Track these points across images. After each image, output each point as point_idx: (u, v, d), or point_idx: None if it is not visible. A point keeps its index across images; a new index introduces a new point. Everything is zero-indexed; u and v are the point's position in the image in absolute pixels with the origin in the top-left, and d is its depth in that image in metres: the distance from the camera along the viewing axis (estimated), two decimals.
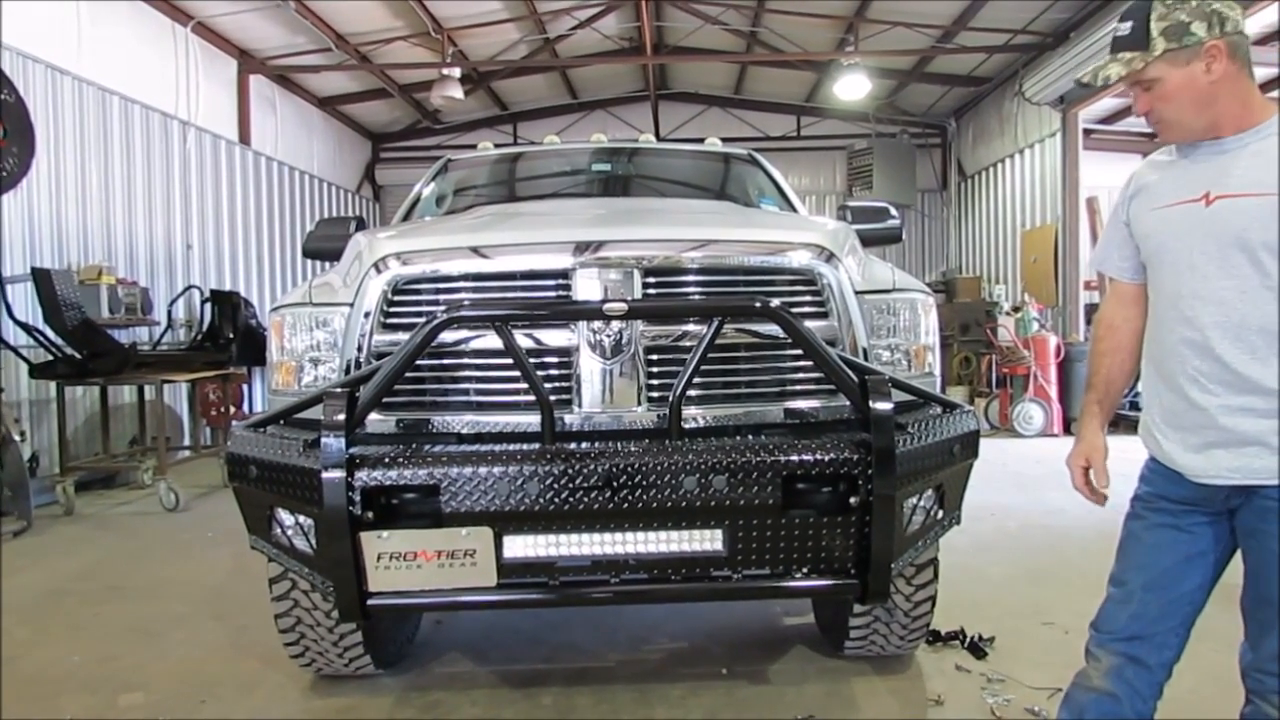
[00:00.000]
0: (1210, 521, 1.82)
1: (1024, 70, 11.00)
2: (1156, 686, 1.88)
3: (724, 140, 5.03)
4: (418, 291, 2.42)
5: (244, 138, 10.42)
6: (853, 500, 2.16)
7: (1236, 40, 1.71)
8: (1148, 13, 1.74)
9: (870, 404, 2.12)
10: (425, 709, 2.94)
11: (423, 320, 2.19)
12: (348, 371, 2.40)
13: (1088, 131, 10.88)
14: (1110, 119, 11.71)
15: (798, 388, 2.43)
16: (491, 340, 2.29)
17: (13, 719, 2.92)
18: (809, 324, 2.27)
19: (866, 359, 2.44)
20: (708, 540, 2.20)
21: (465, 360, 2.40)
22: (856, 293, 2.48)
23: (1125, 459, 2.02)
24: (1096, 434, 2.02)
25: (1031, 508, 5.87)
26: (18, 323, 6.10)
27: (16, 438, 5.61)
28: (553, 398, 2.26)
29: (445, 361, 2.40)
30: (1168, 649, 1.87)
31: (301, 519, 2.28)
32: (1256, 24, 8.19)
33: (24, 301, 6.32)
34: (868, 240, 3.19)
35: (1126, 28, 1.77)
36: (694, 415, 2.37)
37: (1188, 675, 3.03)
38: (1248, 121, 1.74)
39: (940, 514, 2.45)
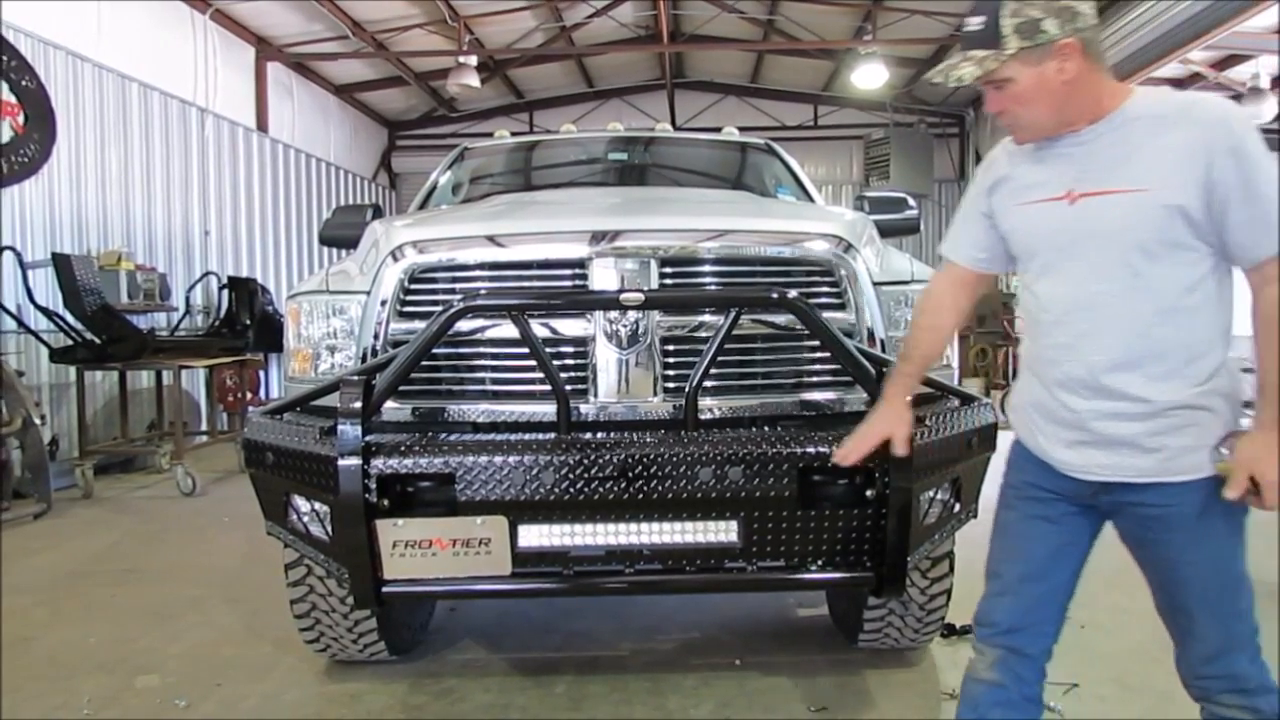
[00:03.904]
0: (1078, 512, 1.81)
1: None
2: (1039, 670, 1.89)
3: (740, 129, 5.00)
4: (434, 280, 2.43)
5: (261, 125, 10.44)
6: (869, 493, 2.16)
7: (1089, 36, 1.61)
8: (998, 9, 1.62)
9: None
10: (438, 695, 2.95)
11: (439, 309, 2.20)
12: (364, 359, 2.41)
13: None
14: None
15: (814, 379, 2.42)
16: (507, 329, 2.28)
17: (33, 698, 2.96)
18: (826, 315, 2.25)
19: (884, 350, 2.43)
20: (723, 531, 2.20)
21: (481, 349, 2.40)
22: (874, 283, 2.47)
23: None
24: (908, 407, 2.03)
25: None
26: (38, 307, 6.15)
27: (37, 421, 5.66)
28: (568, 387, 2.26)
29: (461, 350, 2.40)
30: (1045, 636, 1.88)
31: (317, 506, 2.29)
32: (1259, 23, 8.13)
33: (44, 286, 6.37)
34: (885, 231, 3.16)
35: (978, 23, 1.65)
36: (710, 406, 2.37)
37: None
38: (1101, 112, 1.66)
39: (956, 507, 2.44)
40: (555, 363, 2.26)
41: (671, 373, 2.36)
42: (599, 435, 2.22)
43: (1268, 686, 1.70)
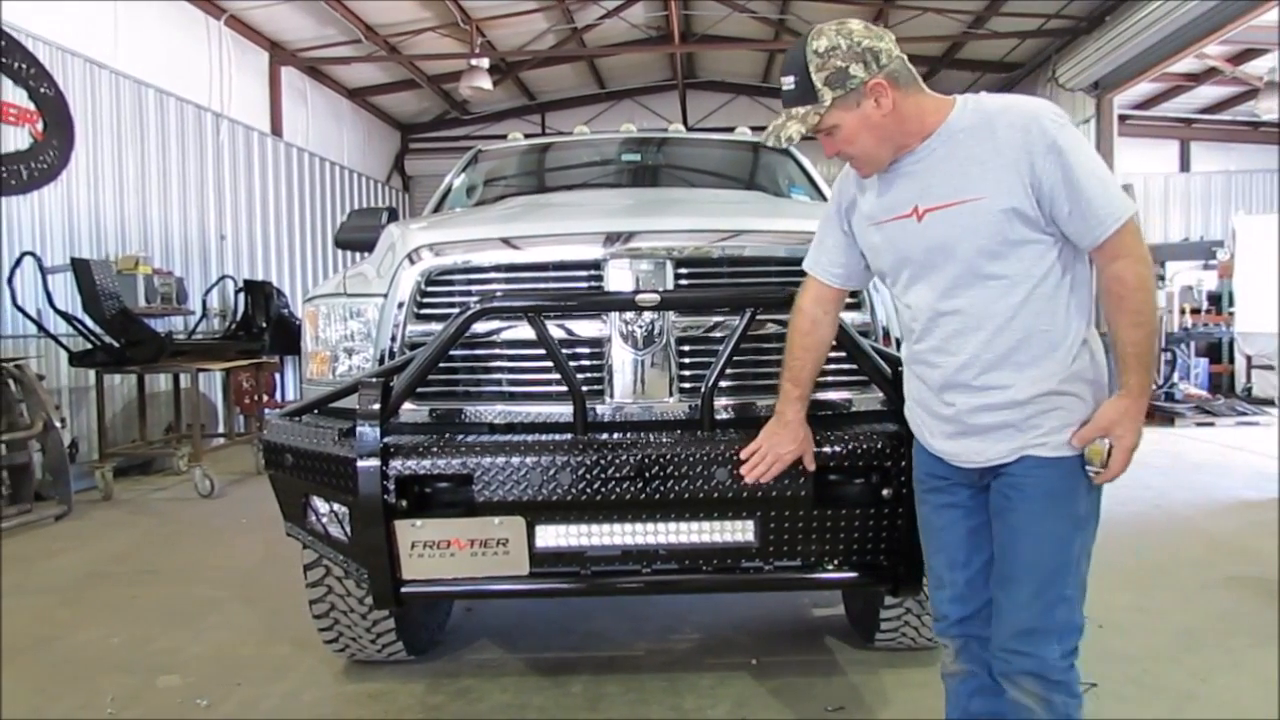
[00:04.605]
0: (978, 493, 1.87)
1: (1057, 56, 10.82)
2: None
3: (753, 129, 4.99)
4: (450, 282, 2.44)
5: (275, 129, 10.51)
6: (885, 492, 2.16)
7: (895, 69, 1.71)
8: (805, 67, 1.72)
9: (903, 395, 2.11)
10: (456, 695, 2.97)
11: (456, 311, 2.21)
12: (381, 361, 2.43)
13: (1123, 117, 10.69)
14: (1146, 104, 11.50)
15: (829, 379, 2.42)
16: (524, 331, 2.30)
17: (56, 698, 2.99)
18: (842, 315, 2.25)
19: (898, 349, 2.42)
20: (739, 531, 2.21)
21: (497, 351, 2.41)
22: None
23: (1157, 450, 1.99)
24: (808, 428, 2.10)
25: None
26: (58, 312, 6.21)
27: (57, 424, 5.72)
28: (584, 388, 2.27)
29: (478, 352, 2.41)
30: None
31: (336, 507, 2.31)
32: (1262, 21, 8.12)
33: (64, 291, 6.44)
34: None
35: (791, 82, 1.75)
36: (726, 406, 2.37)
37: (1222, 672, 2.99)
38: (929, 128, 1.74)
39: None
40: (571, 364, 2.27)
41: (687, 373, 2.37)
42: (615, 436, 2.23)
43: (1071, 690, 1.78)
